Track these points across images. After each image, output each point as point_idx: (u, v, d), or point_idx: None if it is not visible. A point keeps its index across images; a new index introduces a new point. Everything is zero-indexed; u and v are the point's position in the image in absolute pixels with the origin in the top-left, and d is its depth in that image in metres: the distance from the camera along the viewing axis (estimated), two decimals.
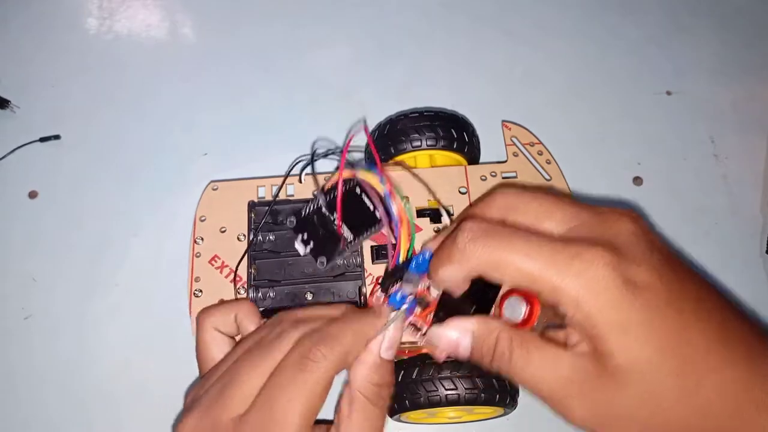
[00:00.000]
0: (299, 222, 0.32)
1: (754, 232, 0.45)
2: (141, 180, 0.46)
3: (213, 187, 0.35)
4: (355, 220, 0.31)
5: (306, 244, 0.31)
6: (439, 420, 0.38)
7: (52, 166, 0.47)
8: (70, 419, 0.39)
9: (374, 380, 0.25)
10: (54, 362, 0.40)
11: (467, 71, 0.51)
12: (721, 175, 0.47)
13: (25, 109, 0.49)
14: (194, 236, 0.33)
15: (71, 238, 0.44)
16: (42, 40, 0.52)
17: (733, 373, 0.20)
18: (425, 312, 0.27)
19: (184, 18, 0.54)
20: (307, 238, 0.31)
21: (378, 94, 0.50)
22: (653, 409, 0.20)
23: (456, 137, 0.37)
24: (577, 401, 0.21)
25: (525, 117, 0.44)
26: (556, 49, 0.52)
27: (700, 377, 0.20)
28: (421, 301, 0.27)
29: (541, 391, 0.22)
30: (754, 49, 0.52)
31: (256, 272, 0.32)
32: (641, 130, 0.49)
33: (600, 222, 0.22)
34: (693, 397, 0.20)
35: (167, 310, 0.40)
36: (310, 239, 0.31)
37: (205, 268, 0.32)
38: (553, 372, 0.21)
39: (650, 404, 0.20)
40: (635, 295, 0.20)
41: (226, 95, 0.50)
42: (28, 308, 0.42)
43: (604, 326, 0.20)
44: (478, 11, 0.54)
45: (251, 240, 0.32)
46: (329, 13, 0.54)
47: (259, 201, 0.34)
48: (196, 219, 0.34)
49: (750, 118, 0.50)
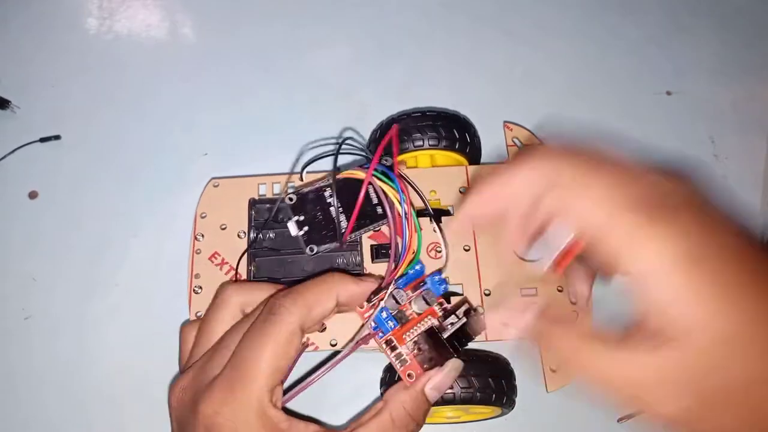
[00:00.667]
0: (299, 201, 0.31)
1: (754, 232, 0.45)
2: (141, 180, 0.46)
3: (214, 184, 0.35)
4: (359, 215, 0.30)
5: (300, 226, 0.30)
6: (437, 420, 0.38)
7: (52, 166, 0.47)
8: (70, 419, 0.39)
9: (408, 407, 0.25)
10: (54, 362, 0.40)
11: (467, 71, 0.51)
12: (721, 175, 0.47)
13: (25, 109, 0.48)
14: (194, 233, 0.33)
15: (71, 238, 0.44)
16: (42, 40, 0.52)
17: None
18: (402, 329, 0.27)
19: (184, 18, 0.54)
20: (303, 220, 0.30)
21: (378, 94, 0.50)
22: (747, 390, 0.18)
23: (458, 137, 0.37)
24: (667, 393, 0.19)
25: (525, 117, 0.44)
26: (557, 49, 0.52)
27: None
28: (401, 317, 0.28)
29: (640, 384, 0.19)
30: (754, 49, 0.52)
31: (256, 270, 0.32)
32: (641, 130, 0.49)
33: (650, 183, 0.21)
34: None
35: (167, 310, 0.40)
36: (306, 223, 0.30)
37: (205, 265, 0.32)
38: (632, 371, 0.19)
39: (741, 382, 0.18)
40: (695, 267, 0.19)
41: (226, 95, 0.50)
42: (28, 308, 0.42)
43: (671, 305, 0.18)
44: (478, 11, 0.54)
45: (254, 237, 0.32)
46: (329, 13, 0.54)
47: (259, 198, 0.34)
48: (197, 216, 0.34)
49: (750, 118, 0.50)
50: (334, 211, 0.31)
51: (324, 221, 0.30)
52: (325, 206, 0.31)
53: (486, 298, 0.32)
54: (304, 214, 0.31)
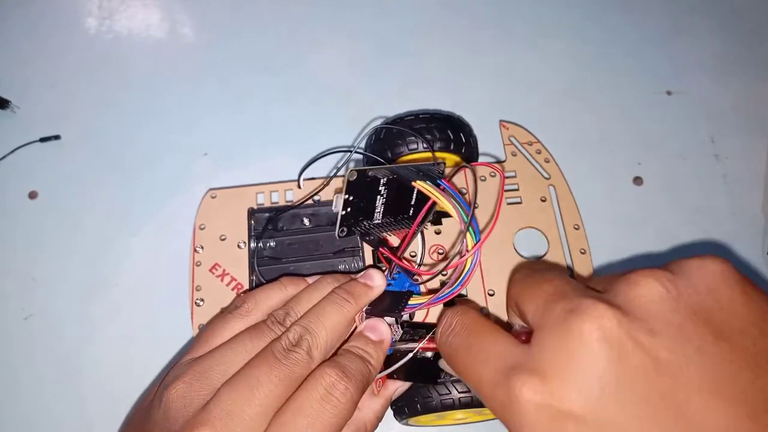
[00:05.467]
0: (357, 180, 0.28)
1: (754, 232, 0.45)
2: (141, 180, 0.46)
3: (211, 195, 0.34)
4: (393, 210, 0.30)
5: (345, 206, 0.28)
6: (447, 422, 0.38)
7: (52, 166, 0.47)
8: (70, 419, 0.39)
9: (379, 415, 0.28)
10: (54, 362, 0.40)
11: (467, 71, 0.51)
12: (721, 175, 0.47)
13: (25, 109, 0.49)
14: (194, 245, 0.33)
15: (71, 238, 0.44)
16: (42, 40, 0.52)
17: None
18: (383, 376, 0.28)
19: (184, 18, 0.54)
20: (351, 200, 0.28)
21: (378, 94, 0.50)
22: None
23: (452, 138, 0.37)
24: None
25: (525, 117, 0.44)
26: (556, 49, 0.52)
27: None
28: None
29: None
30: (754, 49, 0.52)
31: (257, 279, 0.32)
32: (641, 130, 0.49)
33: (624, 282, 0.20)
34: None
35: (167, 310, 0.40)
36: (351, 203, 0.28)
37: (206, 277, 0.32)
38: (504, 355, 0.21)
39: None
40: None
41: (226, 95, 0.50)
42: (28, 308, 0.42)
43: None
44: (477, 11, 0.54)
45: (256, 246, 0.32)
46: (329, 13, 0.54)
47: (258, 207, 0.34)
48: (196, 227, 0.33)
49: (750, 118, 0.50)
50: (379, 203, 0.29)
51: (366, 210, 0.29)
52: (374, 195, 0.29)
53: (490, 298, 0.32)
54: (354, 195, 0.28)
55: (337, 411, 0.22)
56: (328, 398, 0.23)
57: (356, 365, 0.24)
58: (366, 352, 0.25)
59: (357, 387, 0.24)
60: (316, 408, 0.22)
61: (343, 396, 0.23)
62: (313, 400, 0.22)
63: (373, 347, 0.26)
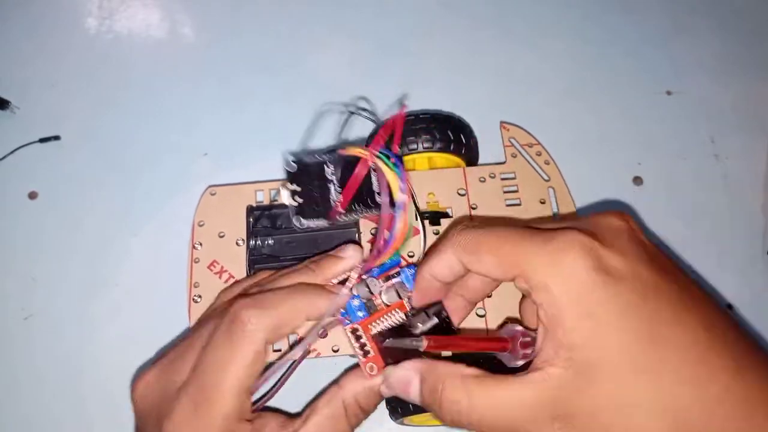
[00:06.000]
0: (299, 170, 0.29)
1: (754, 232, 0.45)
2: (141, 180, 0.46)
3: (211, 192, 0.34)
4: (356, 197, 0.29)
5: (293, 195, 0.29)
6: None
7: (52, 166, 0.47)
8: (70, 419, 0.39)
9: (361, 401, 0.25)
10: (54, 362, 0.41)
11: (467, 71, 0.51)
12: (721, 175, 0.47)
13: (25, 110, 0.49)
14: (193, 241, 0.33)
15: (71, 238, 0.44)
16: (42, 41, 0.52)
17: (716, 379, 0.17)
18: (369, 319, 0.27)
19: (184, 18, 0.54)
20: (299, 192, 0.29)
21: (378, 94, 0.50)
22: (620, 414, 0.18)
23: (452, 139, 0.37)
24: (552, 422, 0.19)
25: (525, 117, 0.44)
26: (556, 49, 0.52)
27: (677, 381, 0.18)
28: (370, 306, 0.28)
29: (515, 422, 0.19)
30: (754, 49, 0.52)
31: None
32: (641, 130, 0.49)
33: (585, 219, 0.22)
34: (666, 402, 0.17)
35: (167, 310, 0.40)
36: (301, 195, 0.29)
37: (204, 274, 0.32)
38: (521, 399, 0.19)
39: (616, 406, 0.18)
40: (608, 284, 0.18)
41: (226, 95, 0.50)
42: (28, 308, 0.42)
43: (570, 312, 0.19)
44: (477, 11, 0.54)
45: (254, 244, 0.32)
46: (329, 13, 0.54)
47: (257, 205, 0.34)
48: (195, 224, 0.34)
49: (750, 118, 0.50)
50: (333, 188, 0.30)
51: (320, 197, 0.29)
52: (324, 182, 0.29)
53: (487, 299, 0.32)
54: (301, 185, 0.29)
55: (245, 333, 0.23)
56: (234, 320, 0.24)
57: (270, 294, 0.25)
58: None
59: (265, 311, 0.24)
60: (223, 330, 0.24)
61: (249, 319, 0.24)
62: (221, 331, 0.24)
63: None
